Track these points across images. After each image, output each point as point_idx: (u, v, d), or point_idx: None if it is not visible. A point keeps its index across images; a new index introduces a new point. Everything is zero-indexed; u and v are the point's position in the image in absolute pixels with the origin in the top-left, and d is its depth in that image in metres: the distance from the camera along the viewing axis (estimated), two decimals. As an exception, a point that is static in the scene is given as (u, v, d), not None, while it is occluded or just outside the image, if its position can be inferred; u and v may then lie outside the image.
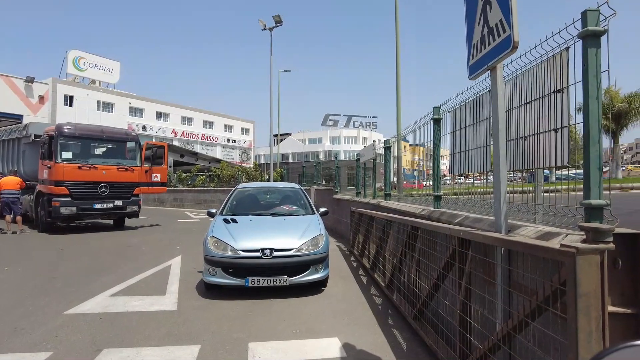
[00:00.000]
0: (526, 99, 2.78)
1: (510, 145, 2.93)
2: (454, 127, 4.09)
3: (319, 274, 5.60)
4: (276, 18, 24.10)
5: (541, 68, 2.61)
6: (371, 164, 9.75)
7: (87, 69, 46.97)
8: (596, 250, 1.68)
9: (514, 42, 2.34)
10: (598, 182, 2.05)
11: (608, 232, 1.72)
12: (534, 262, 2.18)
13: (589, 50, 2.08)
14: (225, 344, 3.88)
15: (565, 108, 2.38)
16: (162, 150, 14.27)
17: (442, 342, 3.38)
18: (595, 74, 2.07)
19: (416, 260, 4.27)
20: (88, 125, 14.08)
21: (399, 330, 4.24)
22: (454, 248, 3.05)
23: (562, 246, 1.78)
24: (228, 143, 60.65)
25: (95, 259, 8.22)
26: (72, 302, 5.17)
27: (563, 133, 2.39)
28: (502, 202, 2.56)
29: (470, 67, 2.95)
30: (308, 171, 21.06)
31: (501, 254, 2.48)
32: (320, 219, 6.49)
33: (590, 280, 1.66)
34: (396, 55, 13.68)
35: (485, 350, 2.51)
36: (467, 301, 2.89)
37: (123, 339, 4.00)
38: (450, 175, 5.78)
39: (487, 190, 3.81)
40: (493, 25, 2.58)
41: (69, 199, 11.85)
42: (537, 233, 2.31)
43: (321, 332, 4.19)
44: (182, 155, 35.26)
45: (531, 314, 2.06)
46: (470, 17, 2.95)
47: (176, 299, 5.32)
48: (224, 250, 5.44)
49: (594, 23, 2.07)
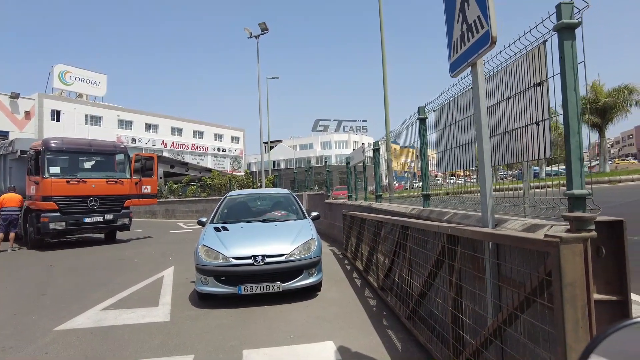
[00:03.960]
0: (508, 93, 2.80)
1: (495, 141, 2.95)
2: (440, 125, 4.12)
3: (312, 278, 5.57)
4: (262, 26, 24.16)
5: (521, 62, 2.64)
6: (361, 167, 9.77)
7: (74, 83, 46.68)
8: (579, 239, 1.69)
9: (492, 37, 2.36)
10: (579, 172, 2.07)
11: (590, 221, 1.73)
12: (521, 255, 2.19)
13: (564, 43, 2.11)
14: (219, 353, 3.84)
15: (546, 101, 2.41)
16: (151, 161, 14.17)
17: (435, 340, 3.37)
18: (572, 65, 2.10)
19: (408, 260, 4.27)
20: (75, 139, 13.95)
21: (394, 330, 4.22)
22: (443, 245, 3.05)
23: (546, 236, 1.79)
24: (218, 152, 60.51)
25: (86, 274, 8.10)
26: (62, 318, 5.08)
27: (544, 126, 2.41)
28: (488, 197, 2.58)
29: (451, 64, 2.97)
30: (300, 177, 21.08)
31: (489, 248, 2.49)
32: (312, 224, 6.47)
33: (574, 269, 1.67)
34: (382, 58, 13.77)
35: (477, 346, 2.51)
36: (458, 297, 2.89)
37: (115, 353, 3.94)
38: (441, 176, 5.82)
39: (476, 188, 3.84)
40: (471, 21, 2.61)
41: (58, 214, 11.70)
42: (524, 226, 2.33)
43: (316, 337, 4.16)
44: (173, 165, 35.05)
45: (520, 306, 2.06)
46: (449, 15, 2.98)
47: (169, 310, 5.25)
48: (216, 259, 5.39)
49: (568, 16, 2.10)
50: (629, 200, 14.61)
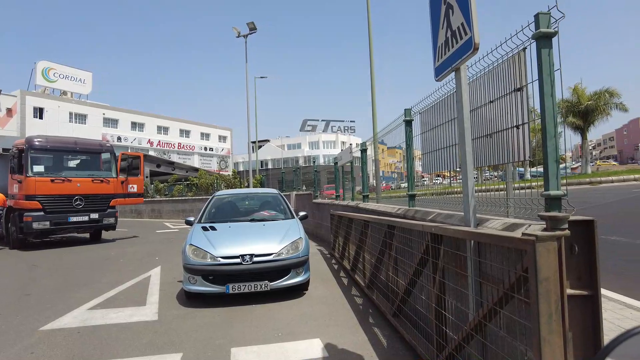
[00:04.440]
0: (490, 97, 2.91)
1: (478, 143, 3.05)
2: (425, 127, 4.22)
3: (300, 277, 5.63)
4: (250, 25, 24.09)
5: (502, 68, 2.75)
6: (349, 167, 9.86)
7: (58, 80, 45.82)
8: (553, 237, 1.79)
9: (474, 43, 2.46)
10: (556, 174, 2.17)
11: (564, 220, 1.83)
12: (501, 253, 2.28)
13: (542, 51, 2.21)
14: (208, 351, 3.87)
15: (525, 105, 2.51)
16: (137, 160, 14.06)
17: (420, 337, 3.47)
18: (549, 72, 2.21)
19: (393, 259, 4.36)
20: (60, 138, 13.77)
21: (380, 328, 4.31)
22: (427, 244, 3.15)
23: (523, 235, 1.88)
24: (205, 151, 60.05)
25: (71, 274, 8.03)
26: (47, 318, 5.05)
27: (524, 129, 2.51)
28: (470, 197, 2.67)
29: (436, 69, 3.07)
30: (287, 177, 21.11)
31: (471, 246, 2.59)
32: (299, 223, 6.53)
33: (549, 266, 1.77)
34: (370, 60, 13.91)
35: (459, 341, 2.60)
36: (442, 294, 2.99)
37: (103, 352, 3.94)
38: (428, 176, 5.93)
39: (460, 189, 3.95)
40: (455, 28, 2.70)
41: (41, 214, 11.54)
42: (504, 225, 2.43)
43: (303, 334, 4.22)
44: (159, 165, 34.72)
45: (499, 302, 2.16)
46: (434, 20, 3.07)
47: (156, 309, 5.26)
48: (203, 258, 5.41)
49: (545, 25, 2.21)
50: (609, 201, 15.03)
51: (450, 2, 2.74)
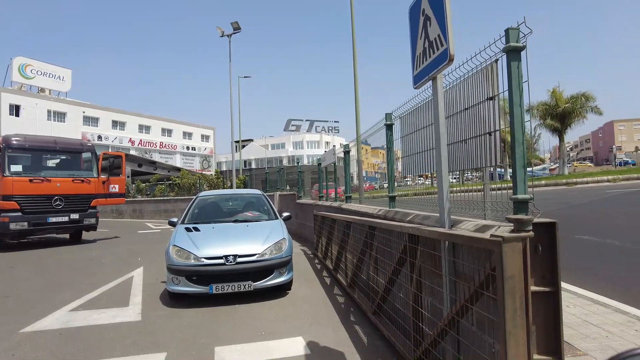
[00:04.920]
0: (465, 105, 3.05)
1: (453, 148, 3.20)
2: (405, 132, 4.36)
3: (283, 277, 5.72)
4: (234, 25, 24.03)
5: (477, 77, 2.89)
6: (333, 168, 9.98)
7: (35, 77, 44.79)
8: (519, 238, 1.93)
9: (450, 55, 2.59)
10: (523, 179, 2.32)
11: (528, 222, 1.97)
12: (473, 253, 2.43)
13: (511, 64, 2.36)
14: (192, 350, 3.93)
15: (497, 114, 2.66)
16: (119, 160, 13.92)
17: (399, 334, 3.60)
18: (518, 84, 2.36)
19: (374, 258, 4.50)
20: (40, 137, 13.52)
21: (361, 325, 4.44)
22: (405, 244, 3.28)
23: (491, 236, 2.03)
24: (188, 151, 59.50)
25: (51, 275, 7.94)
26: (28, 320, 5.00)
27: (495, 136, 2.66)
28: (445, 200, 2.82)
29: (414, 77, 3.21)
30: (271, 177, 21.11)
31: (445, 247, 2.73)
32: (283, 224, 6.62)
33: (514, 265, 1.91)
34: (353, 59, 14.06)
35: (435, 336, 2.74)
36: (419, 292, 3.13)
37: (86, 353, 3.96)
38: (410, 177, 6.09)
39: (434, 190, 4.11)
40: (432, 39, 2.84)
41: (19, 214, 11.33)
42: (476, 226, 2.57)
43: (286, 333, 4.32)
44: (140, 164, 34.27)
45: (470, 299, 2.30)
46: (413, 31, 3.21)
47: (140, 310, 5.28)
48: (187, 259, 5.45)
49: (515, 39, 2.36)
50: (584, 202, 15.54)
51: (428, 14, 2.88)
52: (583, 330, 3.87)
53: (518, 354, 1.90)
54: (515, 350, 1.90)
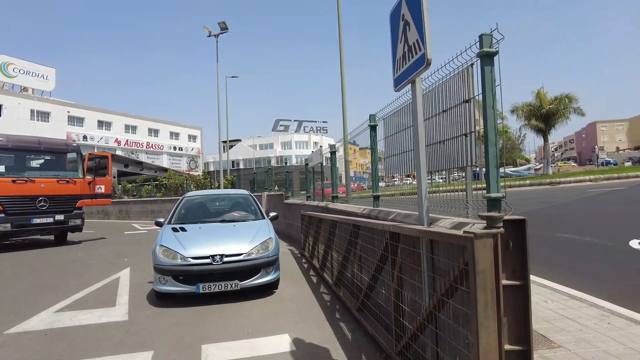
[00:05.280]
0: (444, 107, 3.17)
1: (433, 149, 3.31)
2: (388, 133, 4.47)
3: (270, 276, 5.79)
4: (221, 25, 23.99)
5: (454, 81, 3.01)
6: (321, 168, 10.08)
7: (18, 76, 44.04)
8: (489, 235, 2.03)
9: (427, 59, 2.70)
10: (496, 178, 2.44)
11: (499, 219, 2.08)
12: (449, 249, 2.53)
13: (485, 68, 2.47)
14: (179, 348, 3.98)
15: (473, 115, 2.78)
16: (105, 160, 13.80)
17: (381, 329, 3.70)
18: (491, 87, 2.47)
19: (358, 256, 4.59)
20: (23, 137, 13.35)
21: (345, 322, 4.53)
22: (386, 242, 3.38)
23: (464, 233, 2.13)
24: (175, 151, 59.06)
25: (36, 277, 7.86)
26: (12, 321, 4.98)
27: (471, 137, 2.78)
28: (423, 199, 2.92)
29: (395, 80, 3.31)
30: (259, 177, 21.11)
31: (424, 244, 2.83)
32: (270, 224, 6.68)
33: (485, 260, 2.01)
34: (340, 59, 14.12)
35: (414, 330, 2.84)
36: (400, 288, 3.23)
37: (72, 353, 3.97)
38: (398, 177, 6.19)
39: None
40: (412, 43, 2.94)
41: (2, 216, 11.18)
42: (452, 224, 2.68)
43: (272, 331, 4.38)
44: (127, 165, 33.95)
45: (447, 293, 2.40)
46: (394, 35, 3.31)
47: (127, 310, 5.29)
48: (174, 259, 5.48)
49: (488, 45, 2.47)
50: (565, 201, 15.91)
51: (407, 19, 2.98)
52: (559, 323, 4.02)
53: (489, 344, 2.01)
54: (486, 340, 2.01)
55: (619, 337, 3.64)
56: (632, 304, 4.45)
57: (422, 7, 2.71)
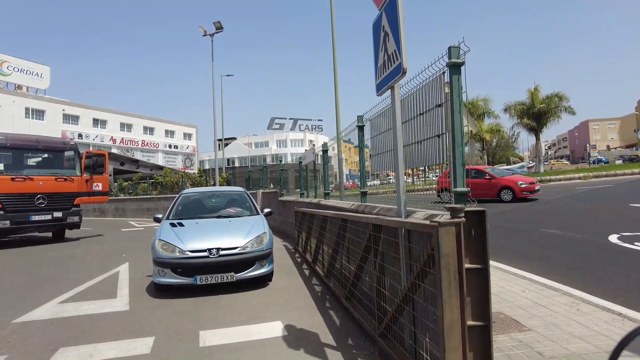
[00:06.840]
0: (420, 110, 3.47)
1: (411, 148, 3.62)
2: (373, 133, 4.77)
3: (264, 269, 6.08)
4: (217, 24, 24.17)
5: (429, 87, 3.31)
6: (313, 166, 10.37)
7: (12, 74, 43.89)
8: (452, 223, 2.34)
9: (403, 68, 2.99)
10: (462, 175, 2.74)
11: (460, 210, 2.39)
12: (421, 237, 2.84)
13: (452, 77, 2.78)
14: (178, 334, 4.27)
15: (444, 119, 3.08)
16: (102, 158, 14.01)
17: (366, 314, 4.02)
18: (458, 94, 2.78)
19: (346, 248, 4.90)
20: (22, 135, 13.57)
21: (335, 310, 4.84)
22: (370, 233, 3.69)
23: (431, 222, 2.44)
24: (170, 149, 59.06)
25: (37, 272, 8.11)
26: (18, 312, 5.22)
27: (443, 138, 3.08)
28: (401, 193, 3.22)
29: (377, 85, 3.60)
30: (254, 175, 21.37)
31: (402, 234, 3.14)
32: (264, 219, 6.97)
33: (448, 245, 2.32)
34: (333, 58, 14.43)
35: (393, 312, 3.15)
36: (382, 275, 3.54)
37: (78, 338, 4.25)
38: (392, 174, 6.48)
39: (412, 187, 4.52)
40: (390, 53, 3.23)
41: (1, 213, 11.39)
42: (426, 215, 2.99)
43: (265, 318, 4.69)
44: (123, 163, 34.08)
45: (419, 276, 2.71)
46: (376, 43, 3.60)
47: (128, 301, 5.57)
48: (172, 252, 5.76)
49: (456, 56, 2.77)
50: (553, 198, 16.30)
51: (387, 30, 3.27)
52: (532, 310, 4.35)
53: (452, 318, 2.32)
54: (450, 315, 2.32)
55: (584, 321, 3.97)
56: (602, 292, 4.80)
57: (399, 21, 3.00)
